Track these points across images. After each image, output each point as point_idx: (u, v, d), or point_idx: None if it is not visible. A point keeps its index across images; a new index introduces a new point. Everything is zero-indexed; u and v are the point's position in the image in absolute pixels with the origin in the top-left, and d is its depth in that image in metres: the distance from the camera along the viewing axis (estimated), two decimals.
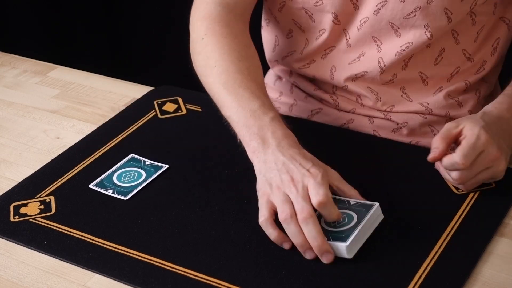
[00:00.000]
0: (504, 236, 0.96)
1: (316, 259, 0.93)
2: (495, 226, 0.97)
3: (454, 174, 1.00)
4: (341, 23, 1.19)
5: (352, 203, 0.97)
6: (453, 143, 1.02)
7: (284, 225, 0.94)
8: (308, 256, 0.93)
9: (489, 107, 1.07)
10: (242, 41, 1.15)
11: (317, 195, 0.94)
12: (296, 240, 0.93)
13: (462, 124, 1.02)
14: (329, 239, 0.93)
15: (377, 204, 0.96)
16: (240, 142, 1.03)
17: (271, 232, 0.95)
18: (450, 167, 1.00)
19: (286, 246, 0.95)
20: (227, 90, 1.07)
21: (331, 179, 0.99)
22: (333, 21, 1.19)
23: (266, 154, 0.99)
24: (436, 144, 1.02)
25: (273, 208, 0.96)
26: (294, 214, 0.93)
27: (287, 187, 0.95)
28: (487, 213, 0.99)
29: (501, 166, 1.00)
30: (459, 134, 1.02)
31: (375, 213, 0.96)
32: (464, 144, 0.99)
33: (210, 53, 1.13)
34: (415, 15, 1.13)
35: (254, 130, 1.01)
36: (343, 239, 0.92)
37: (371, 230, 0.95)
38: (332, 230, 0.94)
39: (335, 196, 0.98)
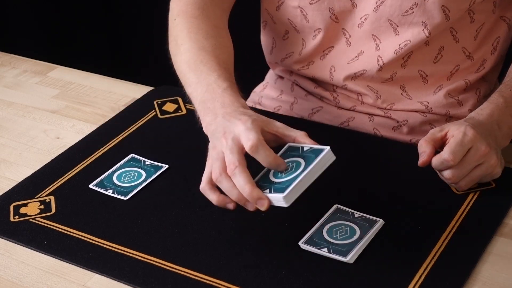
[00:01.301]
0: (504, 236, 0.96)
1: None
2: (495, 226, 0.97)
3: (446, 173, 1.00)
4: (339, 21, 1.19)
5: (305, 149, 0.94)
6: (440, 147, 1.02)
7: (218, 185, 0.93)
8: (249, 207, 0.93)
9: (472, 114, 1.07)
10: (212, 22, 1.16)
11: (247, 140, 0.92)
12: (231, 195, 0.92)
13: (447, 128, 1.02)
14: (270, 191, 0.91)
15: (327, 148, 0.93)
16: (198, 118, 1.04)
17: (212, 197, 0.95)
18: (440, 166, 0.99)
19: (230, 206, 0.94)
20: (189, 67, 1.08)
21: (273, 127, 0.96)
22: (330, 17, 1.18)
23: (216, 124, 0.98)
24: (423, 148, 1.01)
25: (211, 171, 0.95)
26: (223, 170, 0.92)
27: (219, 142, 0.94)
28: (487, 213, 0.99)
29: (492, 161, 1.00)
30: (445, 137, 1.02)
31: (324, 158, 0.92)
32: (452, 141, 0.99)
33: (179, 33, 1.14)
34: (413, 11, 1.13)
35: (208, 105, 1.02)
36: (283, 190, 0.90)
37: (318, 173, 0.92)
38: (276, 181, 0.92)
39: (292, 144, 0.95)
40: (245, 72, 1.34)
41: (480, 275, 0.91)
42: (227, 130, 0.95)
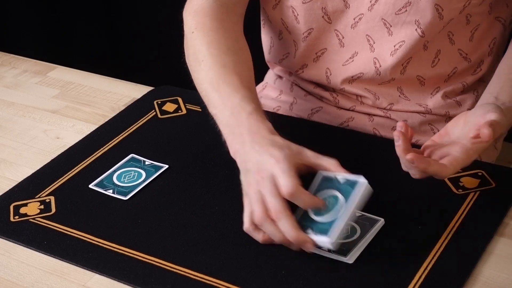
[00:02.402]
0: (504, 236, 0.96)
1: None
2: (495, 226, 0.97)
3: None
4: (332, 22, 1.19)
5: (339, 179, 0.94)
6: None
7: (261, 228, 0.93)
8: (294, 248, 0.93)
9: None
10: (232, 35, 1.14)
11: (283, 186, 0.92)
12: (276, 238, 0.93)
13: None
14: (313, 231, 0.91)
15: (363, 179, 0.93)
16: (224, 141, 1.03)
17: (257, 237, 0.95)
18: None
19: (276, 242, 0.94)
20: (212, 86, 1.07)
21: (304, 158, 0.96)
22: (323, 17, 1.18)
23: (244, 153, 0.98)
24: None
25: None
26: (265, 213, 0.92)
27: (254, 180, 0.94)
28: (487, 213, 0.99)
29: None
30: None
31: (363, 194, 0.93)
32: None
33: (199, 47, 1.12)
34: (406, 10, 1.13)
35: (234, 130, 1.01)
36: (327, 231, 0.90)
37: (359, 209, 0.93)
38: (318, 221, 0.92)
39: (325, 174, 0.95)
40: None
41: (480, 275, 0.91)
42: (261, 167, 0.94)
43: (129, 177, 1.10)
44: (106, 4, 2.26)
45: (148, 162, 1.13)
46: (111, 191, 1.07)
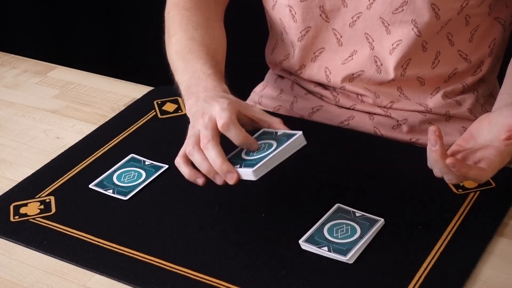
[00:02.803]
0: (504, 236, 0.96)
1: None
2: (495, 226, 0.97)
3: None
4: (330, 21, 1.19)
5: (278, 133, 0.98)
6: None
7: (190, 158, 0.96)
8: (217, 181, 0.95)
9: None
10: (205, 14, 1.20)
11: (220, 118, 0.95)
12: (201, 167, 0.95)
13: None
14: (240, 167, 0.94)
15: (300, 132, 0.96)
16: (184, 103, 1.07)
17: (184, 170, 0.98)
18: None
19: (200, 182, 0.97)
20: (178, 55, 1.13)
21: (249, 111, 1.00)
22: (320, 15, 1.18)
23: (196, 106, 1.02)
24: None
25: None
26: (196, 143, 0.96)
27: (197, 122, 0.98)
28: (487, 213, 0.99)
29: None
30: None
31: (296, 141, 0.95)
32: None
33: (171, 24, 1.19)
34: (403, 9, 1.13)
35: (192, 90, 1.05)
36: (253, 165, 0.93)
37: (288, 154, 0.95)
38: (247, 159, 0.95)
39: (266, 129, 0.99)
40: (245, 72, 1.34)
41: (480, 275, 0.91)
42: (206, 110, 0.98)
43: (129, 177, 1.10)
44: (106, 4, 2.26)
45: (148, 162, 1.13)
46: (111, 191, 1.07)
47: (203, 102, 1.01)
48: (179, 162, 0.99)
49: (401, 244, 0.95)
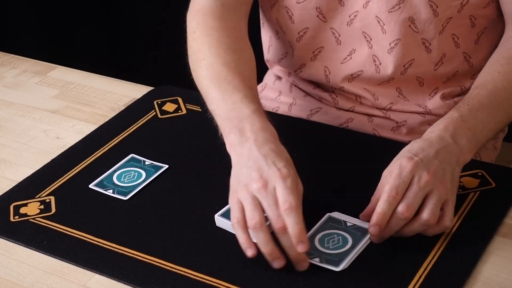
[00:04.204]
0: (504, 236, 0.96)
1: (285, 268, 0.91)
2: (495, 226, 0.97)
3: (400, 208, 0.92)
4: (327, 21, 1.19)
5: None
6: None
7: (253, 233, 0.90)
8: (275, 265, 0.91)
9: (425, 134, 1.00)
10: (233, 34, 1.13)
11: (286, 202, 0.90)
12: (265, 249, 0.90)
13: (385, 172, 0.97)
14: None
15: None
16: (221, 135, 1.01)
17: (241, 235, 0.91)
18: (388, 206, 0.91)
19: (249, 252, 0.91)
20: (212, 83, 1.05)
21: (301, 190, 0.94)
22: (318, 16, 1.18)
23: (243, 148, 0.96)
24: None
25: (243, 209, 0.92)
26: (264, 222, 0.90)
27: (255, 186, 0.91)
28: (487, 213, 0.99)
29: (441, 187, 0.92)
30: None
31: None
32: (390, 178, 0.93)
33: (199, 46, 1.11)
34: (400, 7, 1.13)
35: (234, 123, 0.98)
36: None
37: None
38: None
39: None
40: None
41: (480, 275, 0.91)
42: (263, 174, 0.92)
43: (129, 177, 1.10)
44: (106, 4, 2.26)
45: (148, 162, 1.13)
46: (111, 191, 1.07)
47: (255, 150, 0.94)
48: (238, 225, 0.91)
49: (401, 244, 0.95)
